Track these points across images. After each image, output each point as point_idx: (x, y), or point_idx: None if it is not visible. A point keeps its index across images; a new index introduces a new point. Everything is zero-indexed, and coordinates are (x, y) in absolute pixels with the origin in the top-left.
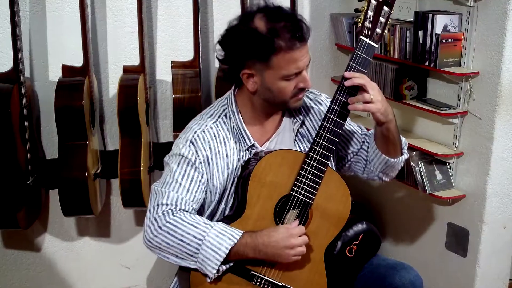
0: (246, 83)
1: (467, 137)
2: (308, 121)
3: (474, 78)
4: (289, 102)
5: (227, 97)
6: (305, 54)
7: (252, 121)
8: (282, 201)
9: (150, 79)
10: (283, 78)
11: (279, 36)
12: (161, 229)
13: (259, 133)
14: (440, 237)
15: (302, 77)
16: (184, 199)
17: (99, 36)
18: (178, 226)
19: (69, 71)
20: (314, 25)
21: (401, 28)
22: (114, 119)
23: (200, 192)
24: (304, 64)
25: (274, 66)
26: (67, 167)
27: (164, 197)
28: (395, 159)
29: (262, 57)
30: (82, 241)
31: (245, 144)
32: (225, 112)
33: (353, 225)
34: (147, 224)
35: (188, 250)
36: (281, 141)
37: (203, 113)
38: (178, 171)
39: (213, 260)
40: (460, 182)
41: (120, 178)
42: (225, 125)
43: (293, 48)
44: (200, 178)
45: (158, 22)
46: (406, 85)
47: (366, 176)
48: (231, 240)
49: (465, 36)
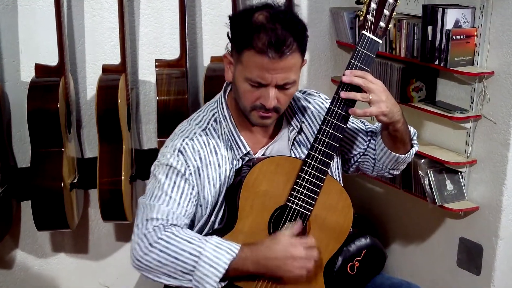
0: (226, 69)
1: (481, 143)
2: (307, 127)
3: (488, 79)
4: (251, 114)
5: (217, 100)
6: (277, 70)
7: (244, 126)
8: (277, 212)
9: (132, 80)
10: (247, 80)
11: (259, 35)
12: (152, 247)
13: (251, 140)
14: (451, 253)
15: (266, 92)
16: (176, 213)
17: (76, 32)
18: (171, 242)
19: (43, 71)
20: (312, 20)
21: (408, 23)
22: (92, 123)
23: (191, 206)
24: (273, 80)
25: (243, 62)
26: (41, 176)
27: (153, 211)
28: (405, 154)
29: (238, 46)
30: (58, 258)
31: (240, 151)
32: (215, 117)
33: (356, 239)
34: (136, 241)
35: (183, 268)
36: (277, 151)
37: (190, 118)
38: (167, 183)
39: (211, 276)
40: (473, 193)
41: (99, 188)
42: (215, 132)
43: (263, 53)
44: (191, 191)
45: (141, 17)
46: (413, 86)
47: (375, 174)
48: (229, 254)
49: (478, 32)
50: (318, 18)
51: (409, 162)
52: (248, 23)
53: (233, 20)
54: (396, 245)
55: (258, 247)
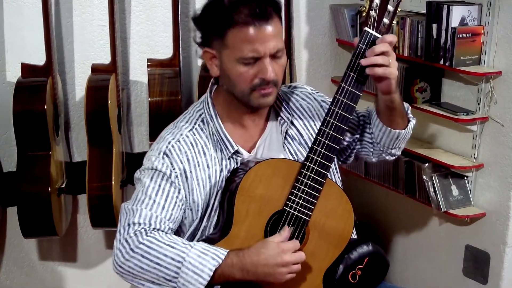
0: (210, 67)
1: (488, 146)
2: (297, 121)
3: (496, 79)
4: (251, 96)
5: (203, 100)
6: (267, 37)
7: (232, 124)
8: (274, 217)
9: (122, 80)
10: (239, 61)
11: (237, 10)
12: (133, 252)
13: (243, 138)
14: (456, 261)
15: (263, 65)
16: (159, 217)
17: (64, 30)
18: (153, 247)
19: (30, 71)
20: (312, 17)
21: (411, 21)
22: (81, 125)
23: (178, 210)
24: (266, 50)
25: (229, 45)
26: (28, 181)
27: (135, 215)
28: (405, 129)
29: (218, 31)
30: (45, 266)
31: (227, 151)
32: (202, 118)
33: (357, 246)
34: (117, 247)
35: (166, 274)
36: (269, 145)
37: (177, 120)
38: (152, 186)
39: (195, 284)
40: (479, 199)
41: (88, 193)
42: (202, 132)
43: (248, 24)
44: (177, 194)
45: (132, 14)
46: (417, 87)
47: (376, 159)
48: (215, 260)
49: (485, 30)
50: (317, 15)
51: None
52: (221, 5)
53: (204, 11)
54: (399, 253)
55: (246, 254)
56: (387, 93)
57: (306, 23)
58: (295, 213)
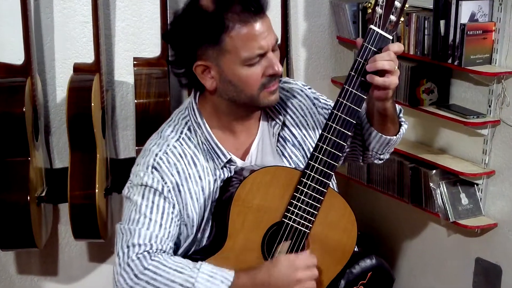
0: (204, 80)
1: (500, 152)
2: (289, 121)
3: (508, 79)
4: (260, 97)
5: (187, 106)
6: (266, 30)
7: (222, 131)
8: (272, 230)
9: (107, 80)
10: (245, 63)
11: (228, 10)
12: (138, 278)
13: (234, 146)
14: (466, 275)
15: (269, 60)
16: (159, 236)
17: (44, 27)
18: (159, 273)
19: (7, 71)
20: (310, 14)
21: (418, 17)
22: (62, 129)
23: (174, 226)
24: (268, 43)
25: (229, 49)
26: (5, 189)
27: (134, 236)
28: (396, 135)
29: (211, 39)
30: (23, 280)
31: (220, 160)
32: (188, 125)
33: (360, 260)
34: (119, 272)
35: None
36: (262, 150)
37: (160, 129)
38: (145, 204)
39: None
40: (490, 208)
41: (70, 202)
42: (190, 141)
43: (247, 21)
44: (172, 210)
45: (117, 10)
46: (424, 88)
47: (364, 163)
48: (224, 284)
49: (497, 27)
50: (316, 11)
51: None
52: (203, 12)
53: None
54: (404, 267)
55: (257, 273)
56: (382, 100)
57: (304, 19)
58: (294, 224)
